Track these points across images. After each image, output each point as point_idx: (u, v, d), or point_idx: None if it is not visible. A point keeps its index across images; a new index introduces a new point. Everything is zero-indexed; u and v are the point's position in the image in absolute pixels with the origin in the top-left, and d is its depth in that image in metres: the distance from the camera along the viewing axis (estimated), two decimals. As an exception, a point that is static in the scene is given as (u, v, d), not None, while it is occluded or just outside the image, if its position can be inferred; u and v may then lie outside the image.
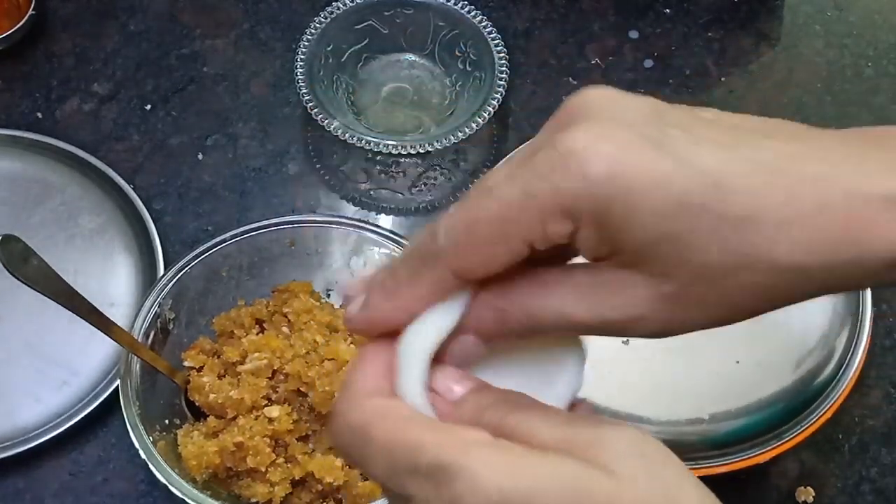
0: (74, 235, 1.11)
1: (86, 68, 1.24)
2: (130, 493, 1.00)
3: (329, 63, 1.19)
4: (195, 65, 1.25)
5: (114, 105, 1.22)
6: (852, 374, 0.96)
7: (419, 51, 1.24)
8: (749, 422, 0.94)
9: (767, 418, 0.94)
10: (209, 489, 0.91)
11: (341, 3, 1.20)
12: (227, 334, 0.99)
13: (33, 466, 1.00)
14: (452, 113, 1.18)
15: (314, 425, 0.94)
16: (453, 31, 1.21)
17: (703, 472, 0.92)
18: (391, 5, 1.22)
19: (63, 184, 1.14)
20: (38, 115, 1.20)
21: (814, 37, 1.28)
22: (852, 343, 0.98)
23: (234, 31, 1.28)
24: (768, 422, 0.94)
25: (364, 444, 0.48)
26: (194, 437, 0.93)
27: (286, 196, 1.16)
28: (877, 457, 1.00)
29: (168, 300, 0.98)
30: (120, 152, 1.18)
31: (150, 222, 1.11)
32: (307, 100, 1.14)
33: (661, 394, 0.96)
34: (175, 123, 1.21)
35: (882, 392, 1.03)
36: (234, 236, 1.01)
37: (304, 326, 0.98)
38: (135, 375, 0.93)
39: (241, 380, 0.95)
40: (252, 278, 1.03)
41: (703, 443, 0.94)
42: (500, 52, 1.18)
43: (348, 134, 1.12)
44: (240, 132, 1.20)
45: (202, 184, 1.17)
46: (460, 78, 1.21)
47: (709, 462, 0.92)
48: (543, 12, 1.29)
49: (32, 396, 1.03)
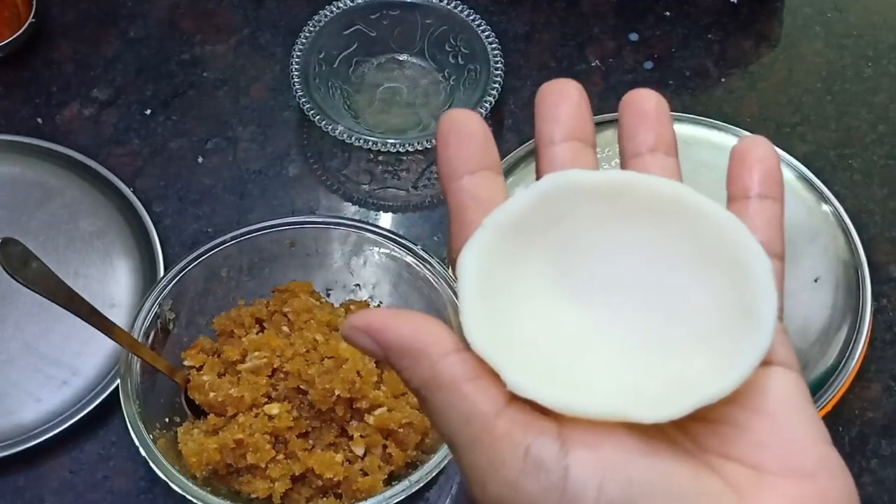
0: (74, 238, 1.12)
1: (86, 74, 1.25)
2: (131, 490, 1.00)
3: (322, 70, 1.20)
4: (195, 70, 1.25)
5: (114, 110, 1.22)
6: (852, 367, 0.96)
7: (409, 50, 1.25)
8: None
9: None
10: (209, 486, 0.91)
11: (328, 11, 1.21)
12: (227, 334, 1.00)
13: (34, 465, 1.00)
14: (450, 107, 1.19)
15: (314, 422, 0.94)
16: (441, 27, 1.22)
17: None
18: (377, 8, 1.23)
19: (63, 187, 1.15)
20: (38, 121, 1.21)
21: (814, 38, 1.28)
22: (852, 337, 0.98)
23: (234, 36, 1.28)
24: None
25: None
26: (194, 435, 0.93)
27: (286, 198, 1.16)
28: (877, 449, 1.00)
29: (168, 300, 0.98)
30: (120, 156, 1.18)
31: (150, 225, 1.11)
32: (308, 107, 1.14)
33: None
34: (175, 127, 1.21)
35: (882, 385, 1.03)
36: (235, 237, 1.01)
37: (304, 325, 0.98)
38: (135, 374, 0.94)
39: (241, 378, 0.95)
40: (252, 279, 1.03)
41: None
42: (491, 44, 1.19)
43: (353, 137, 1.12)
44: (240, 135, 1.20)
45: (202, 186, 1.17)
46: (454, 72, 1.22)
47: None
48: (543, 15, 1.29)
49: (33, 396, 1.03)
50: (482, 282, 0.49)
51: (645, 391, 0.47)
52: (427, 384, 0.47)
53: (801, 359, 0.94)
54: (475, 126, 0.53)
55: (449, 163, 0.53)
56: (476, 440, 0.46)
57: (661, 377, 0.48)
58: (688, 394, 0.46)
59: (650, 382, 0.48)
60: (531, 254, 0.51)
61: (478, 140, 0.53)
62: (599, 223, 0.51)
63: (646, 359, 0.49)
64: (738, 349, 0.47)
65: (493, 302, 0.49)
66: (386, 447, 0.94)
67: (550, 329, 0.50)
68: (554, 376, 0.47)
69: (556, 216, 0.50)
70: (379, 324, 0.48)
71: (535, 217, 0.50)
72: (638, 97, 0.56)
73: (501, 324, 0.49)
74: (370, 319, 0.49)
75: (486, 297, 0.49)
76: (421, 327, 0.48)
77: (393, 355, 0.48)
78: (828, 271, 1.00)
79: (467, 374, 0.47)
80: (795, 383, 0.49)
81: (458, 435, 0.47)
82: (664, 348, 0.49)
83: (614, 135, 1.07)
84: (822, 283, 0.99)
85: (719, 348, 0.48)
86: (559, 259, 0.51)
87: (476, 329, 0.48)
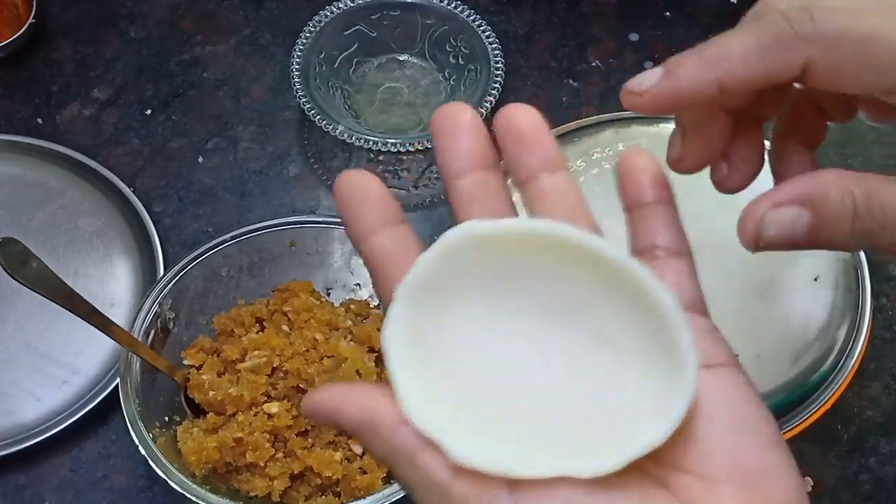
0: (74, 238, 1.12)
1: (86, 74, 1.25)
2: (130, 488, 1.00)
3: (323, 70, 1.20)
4: (195, 70, 1.26)
5: (114, 110, 1.22)
6: (852, 366, 0.96)
7: (409, 50, 1.25)
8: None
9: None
10: (208, 484, 0.91)
11: (328, 11, 1.21)
12: (227, 333, 1.00)
13: (34, 463, 1.00)
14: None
15: (313, 421, 0.94)
16: (442, 27, 1.22)
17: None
18: (377, 8, 1.23)
19: (63, 187, 1.15)
20: (38, 121, 1.21)
21: (813, 37, 1.27)
22: (852, 335, 0.98)
23: (234, 36, 1.28)
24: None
25: None
26: (194, 434, 0.93)
27: (286, 198, 1.16)
28: (875, 447, 1.00)
29: (168, 300, 0.98)
30: (120, 156, 1.18)
31: (151, 224, 1.11)
32: (308, 107, 1.14)
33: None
34: (175, 127, 1.21)
35: (881, 384, 1.03)
36: (235, 237, 1.01)
37: (304, 325, 0.98)
38: (135, 373, 0.94)
39: (241, 377, 0.95)
40: (252, 278, 1.03)
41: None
42: (492, 44, 1.19)
43: (354, 137, 1.12)
44: (240, 135, 1.20)
45: (202, 186, 1.17)
46: (454, 72, 1.22)
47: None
48: (544, 16, 1.30)
49: (33, 396, 1.03)
50: (409, 352, 0.49)
51: (583, 444, 0.48)
52: (385, 457, 0.49)
53: (801, 358, 0.95)
54: (372, 186, 0.53)
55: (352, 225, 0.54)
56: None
57: (597, 425, 0.49)
58: (624, 444, 0.46)
59: (586, 433, 0.48)
60: (450, 311, 0.51)
61: (374, 202, 0.53)
62: (509, 272, 0.51)
63: (579, 406, 0.49)
64: (666, 391, 0.47)
65: (424, 370, 0.49)
66: (385, 445, 0.94)
67: (485, 384, 0.50)
68: (496, 438, 0.48)
69: (464, 270, 0.50)
70: (331, 406, 0.50)
71: (443, 275, 0.50)
72: (510, 118, 0.55)
73: (437, 391, 0.49)
74: (322, 401, 0.50)
75: (415, 366, 0.49)
76: (370, 404, 0.49)
77: (351, 432, 0.50)
78: (827, 270, 1.00)
79: (420, 443, 0.48)
80: (736, 382, 0.49)
81: (424, 500, 0.48)
82: (596, 393, 0.49)
83: (614, 135, 1.07)
84: (821, 282, 0.99)
85: (649, 391, 0.48)
86: (478, 311, 0.51)
87: (413, 406, 0.48)
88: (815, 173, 0.53)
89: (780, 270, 1.00)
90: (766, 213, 0.52)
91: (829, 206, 0.52)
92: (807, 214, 0.52)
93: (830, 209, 0.52)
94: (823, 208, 0.52)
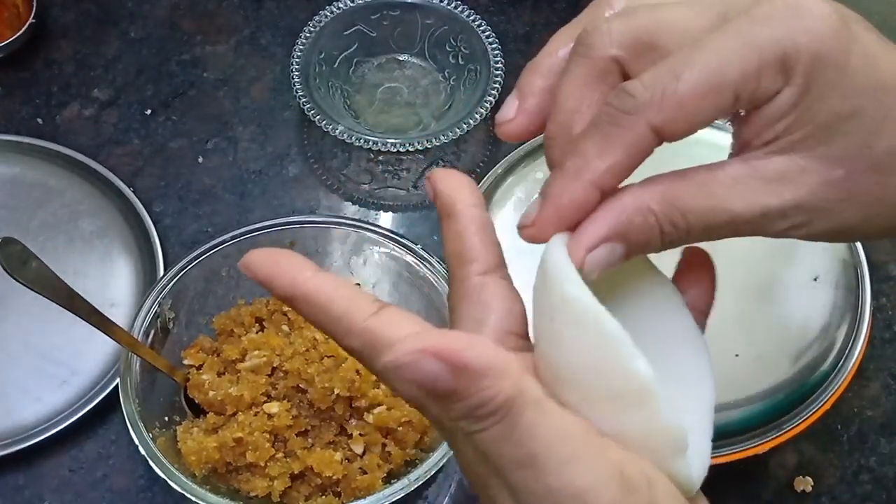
0: (74, 238, 1.12)
1: (86, 74, 1.25)
2: (130, 488, 1.00)
3: (323, 70, 1.20)
4: (195, 70, 1.26)
5: (114, 110, 1.22)
6: (851, 365, 0.96)
7: (409, 50, 1.26)
8: (748, 413, 0.94)
9: (767, 409, 0.94)
10: (208, 484, 0.91)
11: (328, 11, 1.21)
12: (227, 333, 1.00)
13: (34, 463, 1.00)
14: (450, 107, 1.19)
15: (313, 420, 0.94)
16: (442, 27, 1.23)
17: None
18: (377, 8, 1.23)
19: (63, 187, 1.15)
20: (38, 121, 1.21)
21: (813, 37, 1.27)
22: (852, 336, 0.98)
23: (234, 37, 1.28)
24: (768, 413, 0.94)
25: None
26: (194, 434, 0.93)
27: (286, 198, 1.16)
28: (875, 446, 1.00)
29: (168, 300, 0.98)
30: (120, 156, 1.18)
31: (150, 224, 1.12)
32: (308, 108, 1.14)
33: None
34: (175, 128, 1.21)
35: (881, 384, 1.03)
36: (234, 237, 1.01)
37: (304, 325, 0.98)
38: (134, 373, 0.94)
39: (241, 377, 0.95)
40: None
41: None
42: (492, 44, 1.19)
43: (354, 137, 1.12)
44: (240, 135, 1.20)
45: (202, 186, 1.17)
46: (454, 72, 1.22)
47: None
48: (543, 16, 1.30)
49: (32, 395, 1.03)
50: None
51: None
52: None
53: (800, 359, 0.95)
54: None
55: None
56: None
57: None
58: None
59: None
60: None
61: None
62: None
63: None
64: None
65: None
66: (385, 445, 0.94)
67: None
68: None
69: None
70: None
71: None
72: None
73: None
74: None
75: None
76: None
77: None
78: (827, 270, 1.00)
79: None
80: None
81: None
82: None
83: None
84: (821, 282, 0.99)
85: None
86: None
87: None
88: (613, 200, 0.50)
89: (780, 271, 1.00)
90: (584, 258, 0.50)
91: (634, 232, 0.50)
92: (619, 246, 0.50)
93: (637, 235, 0.50)
94: (631, 237, 0.50)
